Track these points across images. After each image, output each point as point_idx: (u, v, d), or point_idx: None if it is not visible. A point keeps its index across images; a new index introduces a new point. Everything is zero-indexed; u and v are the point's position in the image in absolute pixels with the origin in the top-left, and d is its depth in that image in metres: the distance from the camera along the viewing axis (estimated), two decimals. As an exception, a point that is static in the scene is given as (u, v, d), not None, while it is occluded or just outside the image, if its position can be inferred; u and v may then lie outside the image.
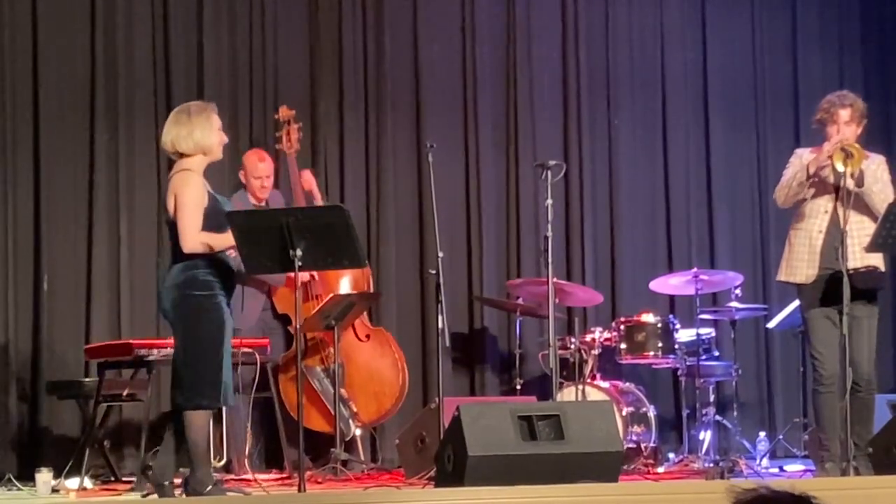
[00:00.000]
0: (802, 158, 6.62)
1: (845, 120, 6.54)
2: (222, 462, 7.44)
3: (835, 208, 6.51)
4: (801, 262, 6.57)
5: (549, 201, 7.26)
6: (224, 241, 5.86)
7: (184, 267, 5.86)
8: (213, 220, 5.88)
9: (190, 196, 5.85)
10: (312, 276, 7.75)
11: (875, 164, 6.59)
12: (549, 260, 7.25)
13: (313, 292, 7.84)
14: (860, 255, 6.45)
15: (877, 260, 6.52)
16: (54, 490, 6.88)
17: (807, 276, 6.56)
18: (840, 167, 6.34)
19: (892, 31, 9.91)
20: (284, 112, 8.05)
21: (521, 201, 9.01)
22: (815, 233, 6.53)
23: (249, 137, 8.48)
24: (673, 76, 9.49)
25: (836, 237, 6.41)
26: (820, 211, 6.54)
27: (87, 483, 7.04)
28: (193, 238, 5.82)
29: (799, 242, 6.60)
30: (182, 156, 5.93)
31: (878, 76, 9.81)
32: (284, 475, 7.47)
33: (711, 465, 7.60)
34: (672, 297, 8.90)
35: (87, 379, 7.55)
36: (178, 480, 6.05)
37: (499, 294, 8.83)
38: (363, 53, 8.83)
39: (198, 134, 5.91)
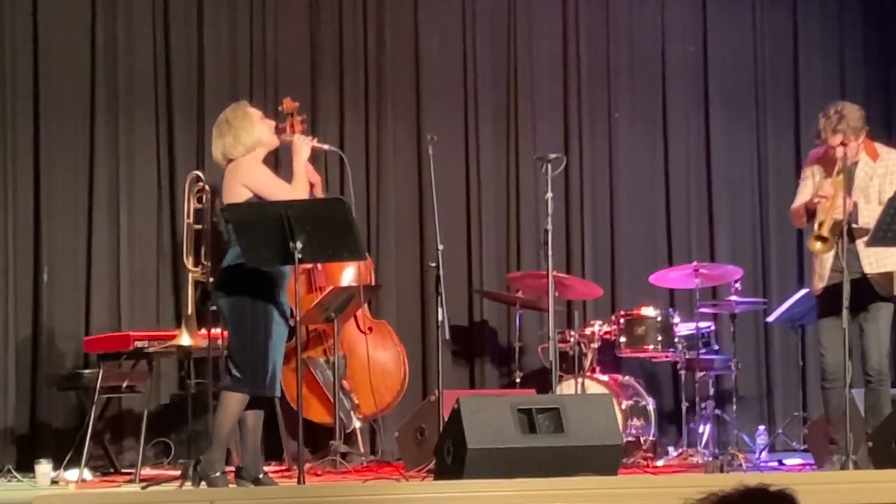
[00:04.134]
0: (815, 175, 6.66)
1: (839, 142, 6.56)
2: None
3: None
4: (824, 272, 6.63)
5: (549, 194, 7.26)
6: (301, 179, 6.07)
7: (235, 256, 5.94)
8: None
9: (256, 171, 6.00)
10: (315, 266, 7.75)
11: (893, 160, 6.63)
12: (549, 253, 7.25)
13: (316, 284, 7.83)
14: (876, 262, 6.53)
15: (892, 265, 6.56)
16: (54, 481, 6.90)
17: (826, 284, 6.62)
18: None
19: (893, 22, 9.88)
20: (288, 104, 8.01)
21: (521, 194, 9.00)
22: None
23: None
24: (673, 69, 9.47)
25: (854, 243, 6.46)
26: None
27: (87, 475, 7.05)
28: (291, 195, 5.95)
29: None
30: (233, 160, 6.05)
31: (879, 70, 9.79)
32: (283, 467, 7.47)
33: (710, 458, 7.60)
34: (672, 291, 8.90)
35: (86, 371, 7.54)
36: (175, 472, 6.05)
37: (498, 287, 8.82)
38: (364, 46, 8.82)
39: (243, 136, 6.06)
